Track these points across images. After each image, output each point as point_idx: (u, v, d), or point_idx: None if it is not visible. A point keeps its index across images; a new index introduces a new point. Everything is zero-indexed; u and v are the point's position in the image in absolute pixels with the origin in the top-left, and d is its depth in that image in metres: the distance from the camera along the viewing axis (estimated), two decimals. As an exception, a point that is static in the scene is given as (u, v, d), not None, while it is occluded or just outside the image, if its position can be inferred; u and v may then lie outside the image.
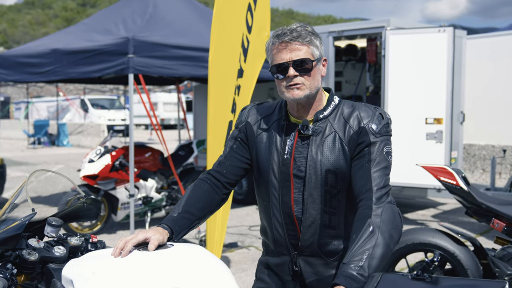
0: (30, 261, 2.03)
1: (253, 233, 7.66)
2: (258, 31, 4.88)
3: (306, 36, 2.12)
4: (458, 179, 4.04)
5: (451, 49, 7.55)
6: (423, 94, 7.73)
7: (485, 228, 7.75)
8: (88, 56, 6.73)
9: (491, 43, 11.15)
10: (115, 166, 7.16)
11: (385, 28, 7.91)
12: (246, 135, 2.34)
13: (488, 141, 11.02)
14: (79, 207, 2.38)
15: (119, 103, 30.09)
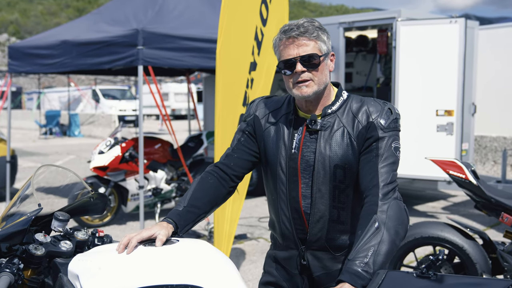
0: (37, 256, 2.05)
1: (262, 225, 7.67)
2: (276, 24, 4.83)
3: (313, 31, 2.11)
4: (467, 173, 4.02)
5: (463, 41, 7.47)
6: (434, 86, 7.67)
7: (494, 221, 7.70)
8: (97, 47, 6.74)
9: (504, 34, 11.03)
10: (125, 158, 7.18)
11: (396, 19, 7.85)
12: (254, 128, 2.33)
13: (499, 132, 10.93)
14: (85, 201, 2.39)
15: (130, 93, 30.18)
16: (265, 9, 4.71)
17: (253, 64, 4.70)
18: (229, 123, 4.50)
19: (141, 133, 6.36)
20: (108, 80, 37.99)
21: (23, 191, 2.20)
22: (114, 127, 21.44)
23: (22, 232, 2.01)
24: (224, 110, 4.31)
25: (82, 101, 28.70)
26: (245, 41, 4.61)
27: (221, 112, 4.29)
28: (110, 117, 22.57)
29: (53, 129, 22.91)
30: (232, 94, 4.51)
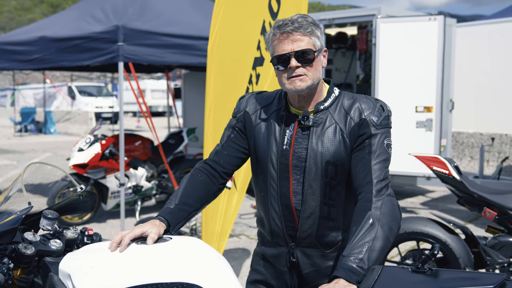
0: (27, 255, 2.01)
1: (243, 222, 7.67)
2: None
3: (308, 26, 2.11)
4: (451, 169, 4.07)
5: (442, 38, 7.56)
6: (414, 83, 7.75)
7: (473, 216, 7.82)
8: (77, 44, 6.65)
9: (479, 31, 11.18)
10: (105, 155, 7.11)
11: (376, 16, 7.90)
12: (244, 124, 2.32)
13: (476, 129, 11.09)
14: (75, 199, 2.37)
15: (107, 90, 29.87)
16: (276, 2, 4.64)
17: (259, 59, 4.62)
18: (225, 120, 4.46)
19: (121, 129, 6.30)
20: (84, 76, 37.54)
21: (12, 189, 2.16)
22: (91, 124, 21.23)
23: (12, 231, 1.97)
24: (217, 107, 4.25)
25: (57, 98, 28.30)
26: (248, 36, 4.51)
27: (214, 109, 4.23)
28: (86, 114, 22.32)
29: (28, 126, 22.56)
30: (227, 90, 4.43)
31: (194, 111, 10.81)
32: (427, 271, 1.70)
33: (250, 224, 7.55)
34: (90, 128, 20.96)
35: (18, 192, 2.12)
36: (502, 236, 4.04)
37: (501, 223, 4.04)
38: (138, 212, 7.66)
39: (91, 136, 7.29)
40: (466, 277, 1.69)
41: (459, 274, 1.73)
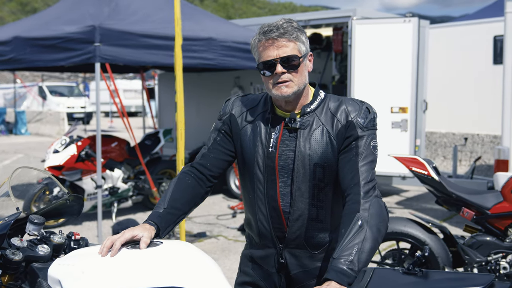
0: (15, 261, 1.98)
1: (221, 223, 7.67)
2: None
3: (293, 32, 2.12)
4: (430, 169, 4.13)
5: (416, 39, 7.67)
6: (389, 84, 7.85)
7: (448, 215, 7.95)
8: (52, 44, 6.57)
9: (450, 33, 11.38)
10: (81, 157, 7.04)
11: (351, 17, 7.98)
12: (230, 127, 2.33)
13: (448, 129, 11.28)
14: (61, 204, 2.34)
15: (78, 90, 29.51)
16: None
17: None
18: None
19: (98, 131, 6.24)
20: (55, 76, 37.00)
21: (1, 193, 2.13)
22: (63, 124, 20.95)
23: (1, 238, 1.94)
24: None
25: (28, 98, 27.85)
26: None
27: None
28: (58, 115, 21.99)
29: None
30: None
31: (170, 112, 10.78)
32: (417, 272, 1.74)
33: (227, 225, 7.55)
34: (62, 128, 20.69)
35: (4, 197, 2.09)
36: (480, 236, 4.12)
37: (478, 222, 4.13)
38: (114, 214, 7.60)
39: (67, 138, 7.20)
40: (456, 278, 1.72)
41: (449, 275, 1.76)
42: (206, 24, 7.96)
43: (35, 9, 68.81)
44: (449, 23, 12.04)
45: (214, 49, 7.39)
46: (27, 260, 2.04)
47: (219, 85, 10.01)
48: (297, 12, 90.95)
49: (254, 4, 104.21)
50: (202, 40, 7.23)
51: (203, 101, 10.04)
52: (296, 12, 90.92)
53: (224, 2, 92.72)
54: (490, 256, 4.00)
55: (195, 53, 7.07)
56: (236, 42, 7.68)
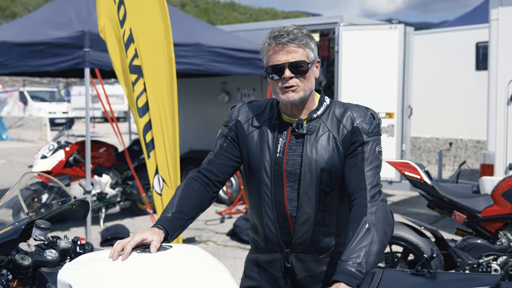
0: (24, 266, 1.99)
1: (209, 228, 7.67)
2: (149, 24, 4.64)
3: (303, 38, 2.16)
4: (422, 174, 4.21)
5: (402, 46, 7.78)
6: (375, 89, 7.94)
7: (433, 219, 8.05)
8: (41, 49, 6.51)
9: (434, 39, 11.54)
10: (69, 162, 7.00)
11: (338, 24, 8.06)
12: (237, 133, 2.36)
13: (432, 134, 11.42)
14: (67, 209, 2.34)
15: (60, 95, 29.27)
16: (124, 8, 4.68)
17: (134, 68, 4.68)
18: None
19: (88, 136, 6.22)
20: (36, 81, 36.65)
21: (7, 199, 2.13)
22: (45, 130, 20.76)
23: (11, 243, 1.95)
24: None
25: (9, 103, 27.53)
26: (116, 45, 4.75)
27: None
28: (40, 120, 21.78)
29: (-22, 132, 21.89)
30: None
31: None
32: (426, 273, 1.78)
33: (216, 230, 7.56)
34: (45, 134, 20.50)
35: (14, 202, 2.09)
36: (471, 238, 4.20)
37: (470, 225, 4.20)
38: (102, 220, 7.56)
39: (55, 143, 7.16)
40: (463, 278, 1.77)
41: (457, 276, 1.81)
42: (194, 29, 7.98)
43: (14, 13, 68.11)
44: (432, 30, 12.22)
45: (202, 55, 7.41)
46: (35, 265, 2.05)
47: (206, 90, 10.02)
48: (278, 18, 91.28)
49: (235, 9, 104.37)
50: (190, 46, 7.24)
51: (190, 106, 10.04)
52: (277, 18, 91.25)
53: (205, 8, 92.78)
54: (481, 259, 4.08)
55: (183, 59, 7.07)
56: (223, 48, 7.71)
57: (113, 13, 4.66)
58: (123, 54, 4.68)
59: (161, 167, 4.55)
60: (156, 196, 4.58)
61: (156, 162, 4.56)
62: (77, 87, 31.42)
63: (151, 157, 4.59)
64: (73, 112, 25.83)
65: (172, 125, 4.48)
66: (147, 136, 4.62)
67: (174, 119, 4.45)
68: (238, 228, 6.96)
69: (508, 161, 6.29)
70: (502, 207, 4.10)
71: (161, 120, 4.50)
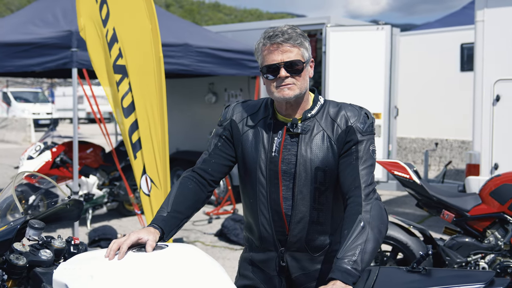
0: (19, 266, 1.98)
1: (197, 228, 7.67)
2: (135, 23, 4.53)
3: (297, 38, 2.18)
4: (411, 173, 4.24)
5: (389, 47, 7.83)
6: (362, 90, 7.98)
7: (419, 218, 8.12)
8: (27, 49, 6.45)
9: (419, 40, 11.63)
10: (56, 163, 6.95)
11: (326, 25, 8.10)
12: (231, 133, 2.36)
13: (418, 134, 11.51)
14: (61, 208, 2.34)
15: (44, 96, 29.04)
16: (107, 7, 4.60)
17: (117, 67, 4.59)
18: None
19: (75, 137, 6.17)
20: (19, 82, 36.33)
21: (0, 198, 2.12)
22: (29, 131, 20.58)
23: (7, 242, 1.94)
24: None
25: (-9, 104, 27.28)
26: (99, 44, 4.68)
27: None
28: (24, 121, 21.59)
29: (-39, 133, 21.64)
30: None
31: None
32: (421, 270, 1.80)
33: (204, 230, 7.55)
34: (29, 135, 20.33)
35: (8, 201, 2.08)
36: (459, 237, 4.24)
37: (458, 224, 4.25)
38: (89, 221, 7.52)
39: (41, 144, 7.11)
40: (458, 275, 1.79)
41: (452, 273, 1.83)
42: (181, 30, 7.96)
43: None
44: (417, 31, 12.32)
45: (190, 55, 7.40)
46: (30, 265, 2.04)
47: (193, 91, 10.01)
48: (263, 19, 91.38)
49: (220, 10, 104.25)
50: (178, 46, 7.23)
51: (177, 107, 10.01)
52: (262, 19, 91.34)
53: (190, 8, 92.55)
54: (469, 257, 4.12)
55: (171, 59, 7.05)
56: (211, 48, 7.71)
57: (95, 12, 4.59)
58: (107, 53, 4.59)
59: (149, 167, 4.47)
60: (143, 197, 4.52)
61: (144, 162, 4.48)
62: (61, 87, 31.21)
63: (138, 158, 4.51)
64: (57, 113, 25.63)
65: (161, 125, 4.44)
66: (133, 137, 4.53)
67: (163, 119, 4.42)
68: (226, 229, 6.96)
69: (493, 161, 6.36)
70: (490, 206, 4.15)
71: (149, 120, 4.44)
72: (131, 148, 4.54)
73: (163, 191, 4.46)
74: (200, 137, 9.49)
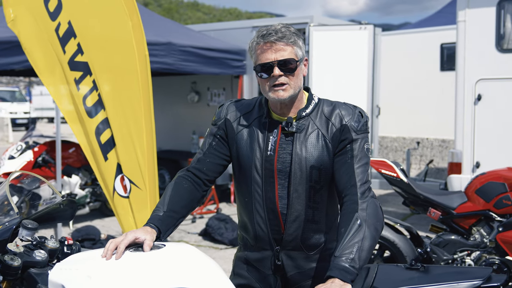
0: (14, 267, 1.95)
1: (181, 228, 7.64)
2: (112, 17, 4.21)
3: (291, 36, 2.18)
4: (398, 172, 4.28)
5: (372, 46, 7.89)
6: (345, 89, 8.02)
7: (402, 216, 8.19)
8: (6, 47, 6.38)
9: (399, 40, 11.73)
10: (37, 163, 6.87)
11: (309, 24, 8.12)
12: (226, 132, 2.36)
13: (399, 133, 11.60)
14: (54, 208, 2.31)
15: (21, 95, 28.66)
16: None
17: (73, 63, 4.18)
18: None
19: (58, 136, 6.12)
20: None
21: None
22: (7, 130, 20.31)
23: (2, 243, 1.91)
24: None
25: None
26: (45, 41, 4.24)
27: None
28: (2, 120, 21.29)
29: None
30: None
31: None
32: (420, 267, 1.81)
33: (188, 230, 7.53)
34: (6, 135, 20.05)
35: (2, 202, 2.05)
36: (446, 235, 4.29)
37: (444, 222, 4.30)
38: (71, 221, 7.44)
39: (23, 143, 7.02)
40: (456, 272, 1.82)
41: (450, 269, 1.86)
42: (164, 28, 7.93)
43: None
44: (397, 31, 12.43)
45: (174, 54, 7.39)
46: (24, 265, 2.01)
47: (175, 90, 9.97)
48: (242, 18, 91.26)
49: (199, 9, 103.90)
50: (162, 45, 7.20)
51: (159, 106, 9.94)
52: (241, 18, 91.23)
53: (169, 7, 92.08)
54: (456, 254, 4.17)
55: (154, 58, 7.02)
56: (194, 47, 7.70)
57: (36, 3, 4.17)
58: (58, 49, 4.15)
59: (127, 167, 4.09)
60: (118, 200, 4.10)
61: (119, 161, 4.10)
62: (39, 86, 30.81)
63: (110, 159, 4.10)
64: (35, 113, 25.31)
65: (148, 124, 4.29)
66: (103, 137, 4.11)
67: (150, 118, 4.32)
68: (211, 228, 6.94)
69: (475, 160, 6.45)
70: (475, 204, 4.20)
71: (127, 118, 4.11)
72: (100, 150, 4.11)
73: (148, 192, 4.12)
74: (183, 136, 9.46)
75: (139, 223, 4.04)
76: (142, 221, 3.97)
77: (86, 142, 4.14)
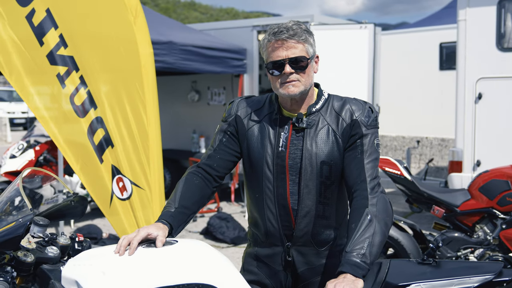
0: (27, 263, 1.97)
1: (182, 227, 7.64)
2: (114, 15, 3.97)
3: (302, 34, 2.19)
4: (402, 170, 4.30)
5: (372, 45, 7.90)
6: (346, 88, 8.01)
7: (403, 215, 8.20)
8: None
9: (399, 39, 11.76)
10: (39, 162, 6.86)
11: (309, 23, 8.13)
12: (236, 128, 2.37)
13: (398, 132, 11.63)
14: (65, 205, 2.32)
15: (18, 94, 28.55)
16: None
17: (62, 58, 3.84)
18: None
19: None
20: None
21: (8, 194, 2.09)
22: (5, 130, 20.27)
23: (16, 239, 1.92)
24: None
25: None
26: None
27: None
28: (0, 120, 21.26)
29: None
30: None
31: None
32: (432, 262, 1.83)
33: (189, 229, 7.53)
34: (5, 134, 20.02)
35: (16, 198, 2.06)
36: (449, 232, 4.31)
37: (448, 219, 4.32)
38: (73, 220, 7.43)
39: (24, 142, 7.01)
40: (468, 267, 1.83)
41: (462, 264, 1.87)
42: (165, 27, 7.93)
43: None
44: (396, 30, 12.46)
45: (174, 53, 7.38)
46: (37, 262, 2.02)
47: (176, 89, 9.97)
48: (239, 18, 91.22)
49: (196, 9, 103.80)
50: (162, 44, 7.20)
51: (159, 106, 9.95)
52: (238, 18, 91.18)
53: (166, 7, 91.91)
54: (459, 252, 4.19)
55: (156, 57, 6.98)
56: (195, 46, 7.70)
57: None
58: (32, 39, 3.73)
59: (126, 167, 3.88)
60: (118, 203, 3.87)
61: (116, 161, 3.87)
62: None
63: (105, 161, 3.85)
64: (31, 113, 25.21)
65: (153, 123, 4.25)
66: (96, 137, 3.84)
67: (156, 117, 4.29)
68: (212, 227, 6.95)
69: (476, 158, 6.47)
70: (479, 201, 4.23)
71: (126, 117, 3.95)
72: (93, 152, 3.84)
73: (151, 191, 3.94)
74: (183, 135, 9.46)
75: (140, 223, 3.93)
76: (145, 221, 3.91)
77: (66, 144, 3.82)
